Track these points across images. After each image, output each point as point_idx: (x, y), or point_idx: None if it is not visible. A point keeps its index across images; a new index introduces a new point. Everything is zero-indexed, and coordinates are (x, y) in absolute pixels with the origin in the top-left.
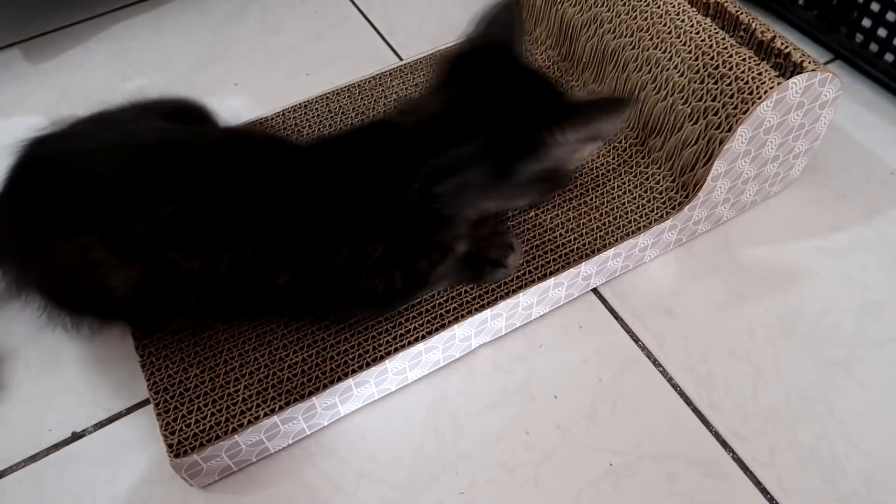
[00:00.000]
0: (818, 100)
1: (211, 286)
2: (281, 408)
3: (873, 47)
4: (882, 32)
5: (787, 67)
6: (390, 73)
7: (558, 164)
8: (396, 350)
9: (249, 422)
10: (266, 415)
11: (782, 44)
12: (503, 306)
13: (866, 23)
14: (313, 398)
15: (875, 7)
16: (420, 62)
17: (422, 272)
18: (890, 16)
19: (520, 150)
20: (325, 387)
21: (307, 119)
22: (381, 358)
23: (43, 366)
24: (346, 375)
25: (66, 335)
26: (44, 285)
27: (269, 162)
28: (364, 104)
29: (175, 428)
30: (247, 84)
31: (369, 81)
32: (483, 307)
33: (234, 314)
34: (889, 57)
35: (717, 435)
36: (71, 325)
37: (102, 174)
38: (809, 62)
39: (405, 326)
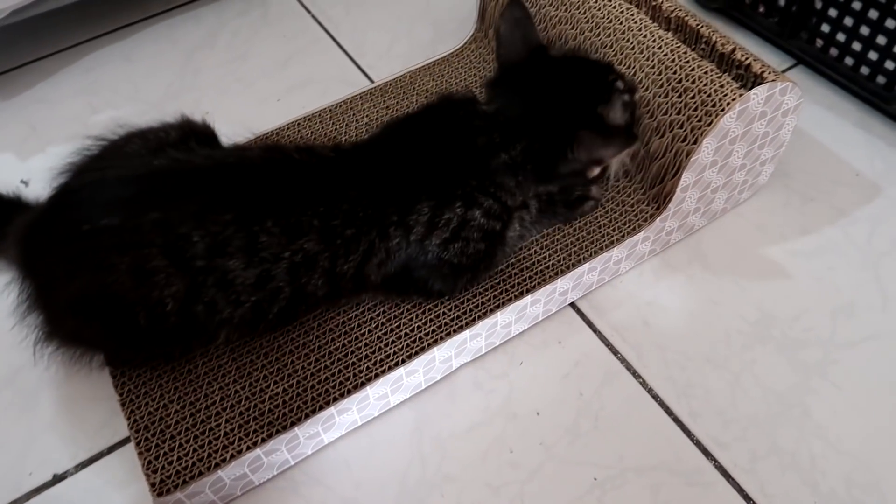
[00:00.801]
0: (780, 108)
1: (265, 292)
2: (263, 440)
3: (833, 52)
4: (841, 37)
5: (749, 78)
6: (361, 97)
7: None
8: (377, 375)
9: (232, 456)
10: (249, 448)
11: (742, 55)
12: (482, 326)
13: (825, 28)
14: (296, 429)
15: (833, 13)
16: (390, 84)
17: (497, 230)
18: (847, 21)
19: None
20: (308, 416)
21: None
22: (363, 384)
23: (21, 408)
24: (328, 404)
25: (45, 376)
26: (78, 304)
27: (320, 161)
28: (336, 129)
29: (157, 466)
30: (218, 112)
31: (340, 106)
32: (462, 328)
33: (284, 317)
34: (849, 61)
35: (698, 443)
36: (74, 358)
37: (160, 195)
38: (769, 72)
39: (385, 351)
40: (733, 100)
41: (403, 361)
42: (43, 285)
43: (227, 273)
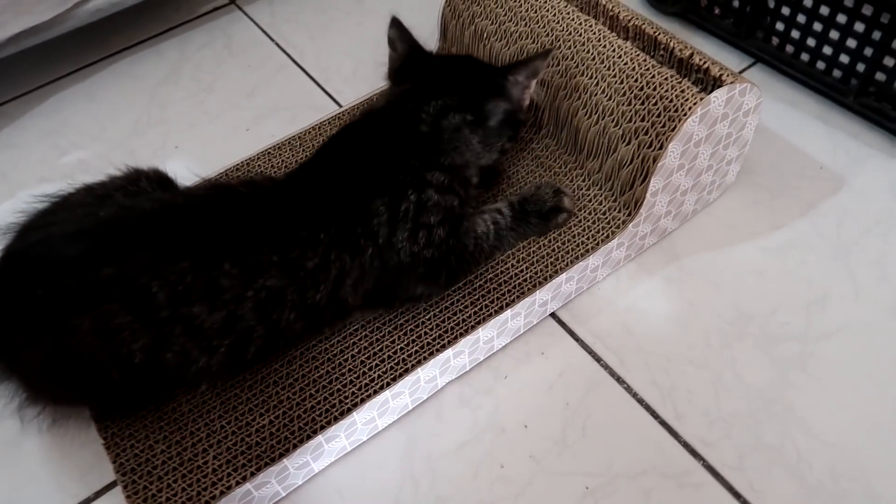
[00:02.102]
0: (741, 109)
1: (236, 333)
2: (252, 474)
3: (789, 49)
4: (795, 34)
5: (708, 82)
6: (329, 122)
7: (516, 104)
8: (363, 400)
9: (222, 492)
10: (238, 483)
11: (700, 59)
12: (464, 343)
13: (780, 26)
14: (284, 460)
15: (786, 11)
16: (357, 108)
17: (456, 210)
18: (801, 18)
19: (489, 94)
20: (296, 447)
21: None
22: (349, 410)
23: (4, 459)
24: (316, 432)
25: (25, 425)
26: (47, 369)
27: (266, 191)
28: (306, 155)
29: None
30: (187, 145)
31: (309, 132)
32: (444, 347)
33: (264, 354)
34: (805, 57)
35: (686, 445)
36: (52, 419)
37: (111, 247)
38: (728, 75)
39: (369, 376)
40: (695, 104)
41: (388, 384)
42: (10, 355)
43: (193, 320)
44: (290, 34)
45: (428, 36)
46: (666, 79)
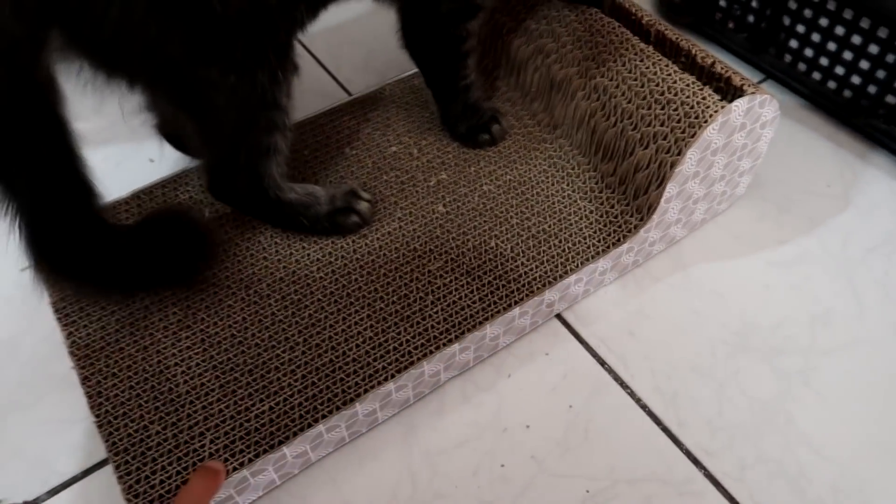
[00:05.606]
0: (759, 120)
1: None
2: (250, 460)
3: (801, 66)
4: (808, 52)
5: (728, 91)
6: (341, 109)
7: None
8: (366, 391)
9: None
10: (235, 469)
11: (722, 68)
12: (470, 339)
13: (793, 44)
14: (283, 448)
15: (801, 29)
16: (370, 97)
17: None
18: (815, 37)
19: None
20: (295, 435)
21: None
22: (352, 401)
23: None
24: (316, 421)
25: (13, 398)
26: None
27: None
28: (316, 140)
29: (139, 490)
30: None
31: (321, 117)
32: (451, 341)
33: None
34: (816, 75)
35: (688, 453)
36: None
37: None
38: (749, 85)
39: (373, 366)
40: (716, 111)
41: (393, 376)
42: None
43: None
44: None
45: None
46: (688, 85)
